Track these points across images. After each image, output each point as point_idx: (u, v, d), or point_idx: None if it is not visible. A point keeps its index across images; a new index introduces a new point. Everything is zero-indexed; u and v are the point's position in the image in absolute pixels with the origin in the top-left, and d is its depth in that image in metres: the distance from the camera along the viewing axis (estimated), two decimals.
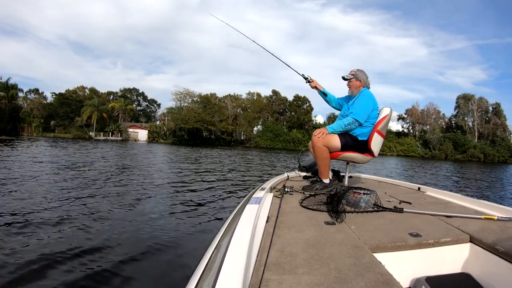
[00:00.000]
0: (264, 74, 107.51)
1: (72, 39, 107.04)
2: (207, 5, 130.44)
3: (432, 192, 2.71)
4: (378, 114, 2.85)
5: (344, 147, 2.76)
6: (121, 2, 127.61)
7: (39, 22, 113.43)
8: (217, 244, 1.40)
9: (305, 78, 3.21)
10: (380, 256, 1.27)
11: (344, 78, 2.99)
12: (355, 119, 2.74)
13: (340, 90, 3.22)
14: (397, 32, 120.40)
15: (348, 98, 3.04)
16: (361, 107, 2.77)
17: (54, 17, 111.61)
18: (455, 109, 63.07)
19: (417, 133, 62.91)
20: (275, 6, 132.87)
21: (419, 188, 2.89)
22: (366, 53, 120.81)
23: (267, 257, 1.17)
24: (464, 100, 60.90)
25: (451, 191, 2.75)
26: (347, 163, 2.98)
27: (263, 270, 1.07)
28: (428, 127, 62.28)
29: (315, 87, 3.24)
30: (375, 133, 2.77)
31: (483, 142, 54.96)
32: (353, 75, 2.92)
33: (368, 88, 2.96)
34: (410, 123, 65.84)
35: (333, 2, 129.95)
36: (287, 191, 2.51)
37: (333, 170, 3.06)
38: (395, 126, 67.38)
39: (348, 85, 2.97)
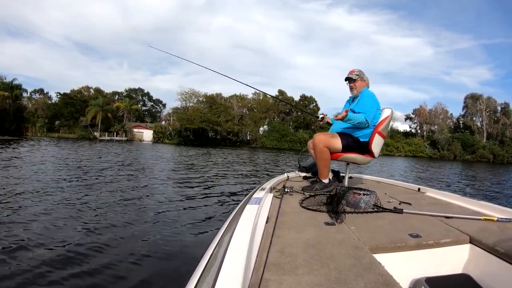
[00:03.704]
0: (270, 74, 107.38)
1: (78, 40, 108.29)
2: (213, 6, 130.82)
3: (432, 193, 2.70)
4: (380, 115, 2.84)
5: (345, 148, 2.75)
6: (126, 3, 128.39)
7: (44, 23, 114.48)
8: (217, 244, 1.41)
9: (317, 117, 3.14)
10: (380, 257, 1.27)
11: (350, 79, 2.90)
12: (367, 121, 2.70)
13: (340, 90, 3.16)
14: (403, 32, 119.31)
15: (351, 99, 3.02)
16: (370, 108, 2.74)
17: (60, 18, 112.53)
18: (463, 109, 62.43)
19: (425, 133, 62.26)
20: (280, 6, 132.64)
21: (419, 189, 2.88)
22: (371, 53, 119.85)
23: (267, 257, 1.18)
24: (472, 100, 60.08)
25: (455, 192, 2.73)
26: (347, 164, 2.98)
27: (263, 270, 1.07)
28: (436, 127, 61.58)
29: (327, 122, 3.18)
30: (376, 134, 2.77)
31: (492, 143, 54.20)
32: (357, 75, 2.87)
33: (368, 87, 2.94)
34: (418, 123, 65.22)
35: (339, 2, 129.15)
36: (287, 191, 2.51)
37: (333, 171, 3.05)
38: (402, 126, 66.88)
39: (354, 85, 2.91)
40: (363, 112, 2.71)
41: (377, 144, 2.79)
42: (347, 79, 2.94)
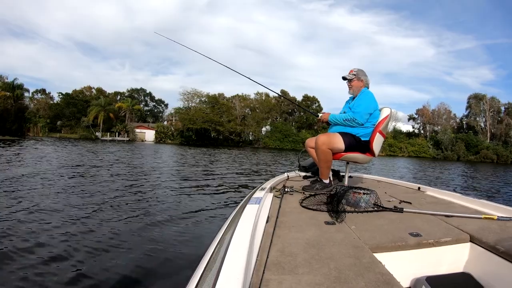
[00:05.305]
0: (272, 74, 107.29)
1: (80, 41, 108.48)
2: (214, 6, 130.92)
3: (432, 192, 2.70)
4: (379, 114, 2.84)
5: (348, 148, 2.75)
6: (128, 4, 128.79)
7: (47, 24, 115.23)
8: (217, 244, 1.41)
9: (316, 115, 3.15)
10: (380, 256, 1.27)
11: (344, 78, 2.94)
12: (354, 118, 2.73)
13: (342, 90, 3.16)
14: (405, 32, 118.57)
15: (350, 99, 3.02)
16: (363, 108, 2.75)
17: (62, 18, 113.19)
18: (466, 109, 62.15)
19: (428, 133, 62.02)
20: (282, 7, 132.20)
21: (419, 188, 2.88)
22: (373, 54, 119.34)
23: (267, 257, 1.18)
24: (476, 100, 59.76)
25: (453, 190, 2.73)
26: (347, 163, 2.97)
27: (263, 270, 1.07)
28: (439, 127, 61.28)
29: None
30: (377, 134, 2.76)
31: (495, 143, 53.92)
32: (354, 74, 2.88)
33: (368, 87, 2.94)
34: (421, 123, 64.97)
35: (340, 2, 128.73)
36: (287, 191, 2.52)
37: (333, 170, 3.04)
38: (405, 126, 66.59)
39: (349, 85, 2.92)
40: (353, 111, 2.76)
41: (377, 143, 2.79)
42: (344, 78, 2.96)
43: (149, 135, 57.91)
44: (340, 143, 2.72)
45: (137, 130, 58.49)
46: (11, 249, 3.09)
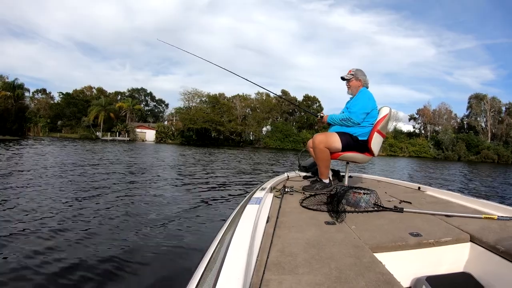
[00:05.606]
0: (273, 74, 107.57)
1: (80, 41, 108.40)
2: (215, 7, 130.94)
3: (432, 192, 2.70)
4: (378, 114, 2.84)
5: (345, 148, 2.76)
6: (129, 3, 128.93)
7: (47, 24, 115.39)
8: (217, 244, 1.41)
9: (316, 115, 3.16)
10: (380, 256, 1.28)
11: (343, 78, 2.96)
12: (350, 118, 2.75)
13: (343, 90, 3.17)
14: (405, 32, 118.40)
15: (350, 99, 3.03)
16: (359, 107, 2.77)
17: (63, 19, 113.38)
18: (467, 109, 62.16)
19: (428, 133, 62.00)
20: (282, 7, 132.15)
21: (419, 188, 2.88)
22: (374, 54, 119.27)
23: (267, 257, 1.18)
24: (477, 100, 59.75)
25: (453, 190, 2.73)
26: (347, 163, 2.97)
27: (264, 271, 1.07)
28: (440, 127, 61.25)
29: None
30: (375, 133, 2.76)
31: (496, 143, 53.89)
32: (352, 74, 2.90)
33: (367, 87, 2.95)
34: (422, 123, 64.96)
35: (341, 2, 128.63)
36: (287, 191, 2.52)
37: (333, 170, 3.05)
38: (406, 126, 66.58)
39: (348, 85, 2.96)
40: (349, 111, 2.79)
41: (376, 142, 2.79)
42: (342, 78, 2.99)
43: (150, 135, 57.87)
44: (337, 142, 2.73)
45: (138, 130, 58.43)
46: (10, 246, 3.09)
